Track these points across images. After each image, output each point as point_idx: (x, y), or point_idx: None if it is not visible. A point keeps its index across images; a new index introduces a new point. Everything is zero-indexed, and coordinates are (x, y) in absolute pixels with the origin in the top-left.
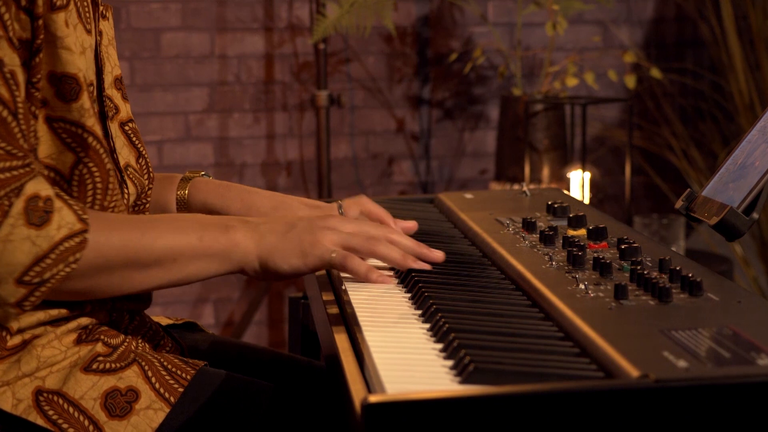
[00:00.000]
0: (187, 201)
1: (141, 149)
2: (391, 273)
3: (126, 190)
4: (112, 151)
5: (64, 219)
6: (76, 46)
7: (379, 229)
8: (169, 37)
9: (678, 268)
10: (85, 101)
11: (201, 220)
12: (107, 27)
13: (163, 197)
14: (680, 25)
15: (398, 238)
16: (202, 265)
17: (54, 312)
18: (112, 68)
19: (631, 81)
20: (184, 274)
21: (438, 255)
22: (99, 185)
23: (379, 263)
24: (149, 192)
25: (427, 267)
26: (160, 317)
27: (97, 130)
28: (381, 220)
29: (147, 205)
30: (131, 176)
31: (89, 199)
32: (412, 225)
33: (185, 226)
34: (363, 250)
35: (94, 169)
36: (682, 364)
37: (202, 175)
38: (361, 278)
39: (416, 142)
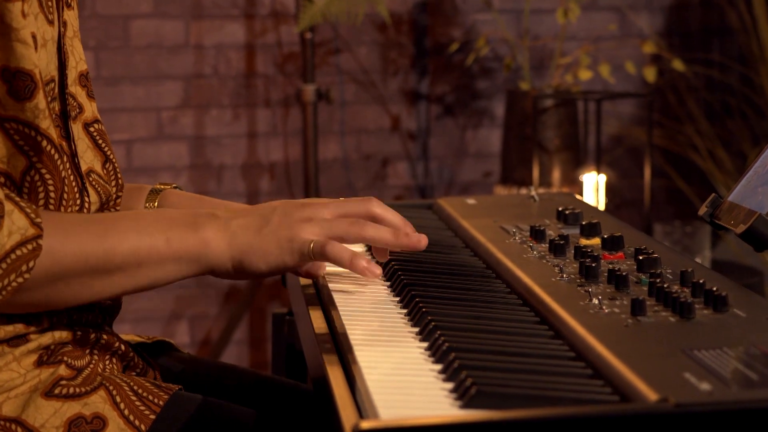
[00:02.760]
0: None
1: (108, 153)
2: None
3: (87, 199)
4: (73, 155)
5: (15, 224)
6: (35, 39)
7: (360, 203)
8: (139, 24)
9: (701, 281)
10: (41, 101)
11: (167, 218)
12: (72, 17)
13: (129, 209)
14: (705, 12)
15: (383, 212)
16: (169, 268)
17: (9, 329)
18: (77, 63)
19: (651, 74)
20: (151, 280)
21: (423, 242)
22: (52, 193)
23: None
24: (118, 201)
25: (423, 244)
26: (129, 335)
27: (52, 133)
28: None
29: None
30: (94, 183)
31: (40, 209)
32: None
33: (150, 226)
34: (349, 238)
35: (47, 175)
36: (705, 386)
37: (174, 187)
38: (345, 265)
39: (413, 141)
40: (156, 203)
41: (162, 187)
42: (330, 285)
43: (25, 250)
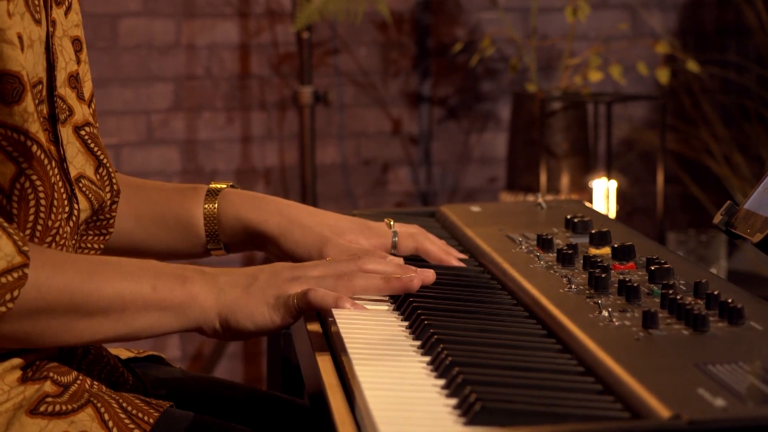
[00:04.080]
0: (217, 215)
1: (101, 157)
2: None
3: (76, 206)
4: (61, 161)
5: (1, 250)
6: (21, 40)
7: (350, 263)
8: (128, 23)
9: (716, 293)
10: (29, 104)
11: (156, 268)
12: (62, 16)
13: (187, 210)
14: (721, 10)
15: (374, 265)
16: (153, 318)
17: None
18: (67, 63)
19: (664, 75)
20: (133, 328)
21: (428, 274)
22: (43, 201)
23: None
24: (114, 207)
25: (416, 285)
26: (119, 350)
27: (41, 137)
28: (442, 261)
29: (111, 221)
30: (84, 189)
31: (31, 218)
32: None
33: (138, 273)
34: (338, 291)
35: (38, 182)
36: (719, 403)
37: (230, 186)
38: (332, 308)
39: (415, 145)
40: (216, 204)
41: (219, 186)
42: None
43: (10, 278)
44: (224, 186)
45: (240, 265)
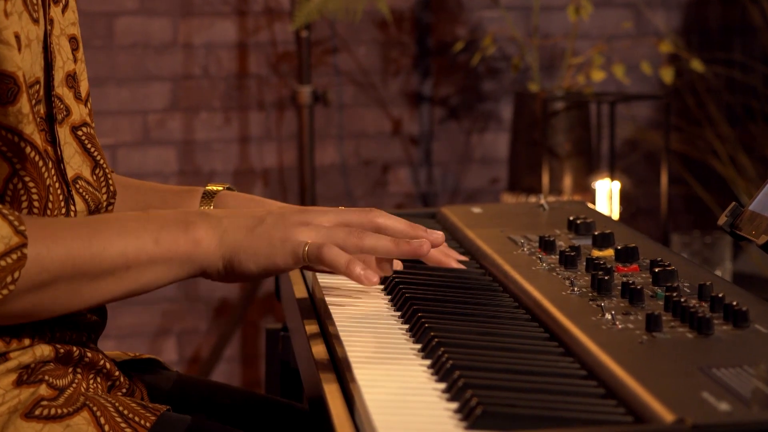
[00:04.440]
0: None
1: (98, 158)
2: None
3: (73, 207)
4: (59, 161)
5: None
6: (19, 39)
7: (361, 213)
8: (124, 22)
9: (720, 295)
10: (24, 105)
11: (157, 218)
12: (60, 14)
13: None
14: (726, 8)
15: (387, 221)
16: (160, 270)
17: None
18: (64, 63)
19: (668, 74)
20: (141, 283)
21: (437, 236)
22: (35, 202)
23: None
24: (110, 208)
25: (425, 249)
26: (115, 352)
27: (37, 138)
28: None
29: None
30: (81, 190)
31: (24, 215)
32: (440, 235)
33: (138, 227)
34: (347, 246)
35: (31, 184)
36: (724, 407)
37: (227, 188)
38: (341, 270)
39: (415, 146)
40: (212, 206)
41: (215, 188)
42: (327, 298)
43: (9, 260)
44: (221, 188)
45: None
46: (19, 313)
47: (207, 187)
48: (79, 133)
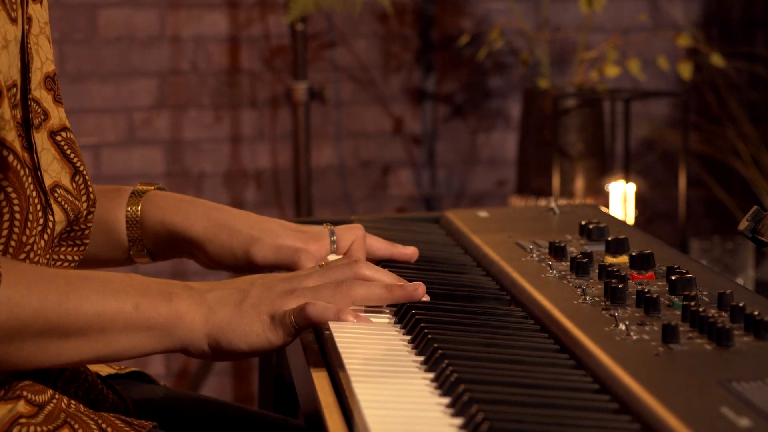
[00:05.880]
0: (140, 219)
1: (78, 164)
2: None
3: (51, 218)
4: (36, 169)
5: None
6: None
7: (346, 268)
8: (108, 14)
9: (741, 305)
10: (5, 110)
11: (140, 284)
12: (39, 11)
13: (110, 214)
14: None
15: (371, 272)
16: (136, 338)
17: None
18: (43, 63)
19: (686, 70)
20: (113, 349)
21: (420, 290)
22: (18, 215)
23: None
24: (89, 217)
25: (421, 293)
26: (98, 365)
27: (17, 145)
28: (383, 257)
29: (86, 232)
30: (60, 199)
31: (5, 233)
32: (412, 251)
33: (119, 290)
34: (338, 302)
35: (13, 195)
36: (744, 422)
37: (158, 188)
38: (332, 320)
39: (417, 146)
40: (139, 207)
41: (144, 188)
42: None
43: None
44: (151, 188)
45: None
46: None
47: (136, 187)
48: (58, 138)
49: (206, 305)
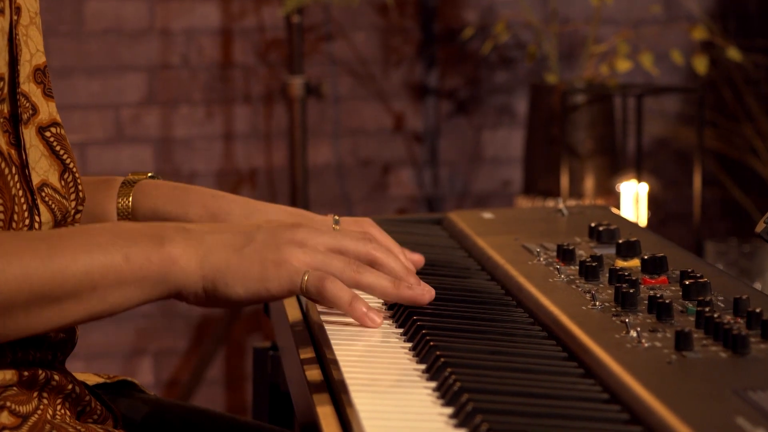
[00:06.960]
0: (132, 210)
1: (67, 161)
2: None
3: (37, 218)
4: (23, 166)
5: None
6: None
7: (359, 243)
8: (95, 5)
9: (758, 311)
10: None
11: (126, 231)
12: (29, 1)
13: (99, 207)
14: None
15: (385, 258)
16: (130, 291)
17: None
18: (32, 56)
19: (701, 64)
20: (107, 306)
21: (427, 296)
22: (1, 216)
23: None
24: (77, 216)
25: (426, 299)
26: (86, 375)
27: (2, 143)
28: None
29: None
30: (47, 199)
31: None
32: (418, 258)
33: (106, 242)
34: (344, 279)
35: None
36: None
37: (150, 176)
38: (343, 309)
39: (419, 144)
40: (130, 198)
41: (136, 178)
42: (321, 316)
43: None
44: (141, 177)
45: None
46: None
47: (127, 177)
48: (47, 134)
49: (204, 246)
